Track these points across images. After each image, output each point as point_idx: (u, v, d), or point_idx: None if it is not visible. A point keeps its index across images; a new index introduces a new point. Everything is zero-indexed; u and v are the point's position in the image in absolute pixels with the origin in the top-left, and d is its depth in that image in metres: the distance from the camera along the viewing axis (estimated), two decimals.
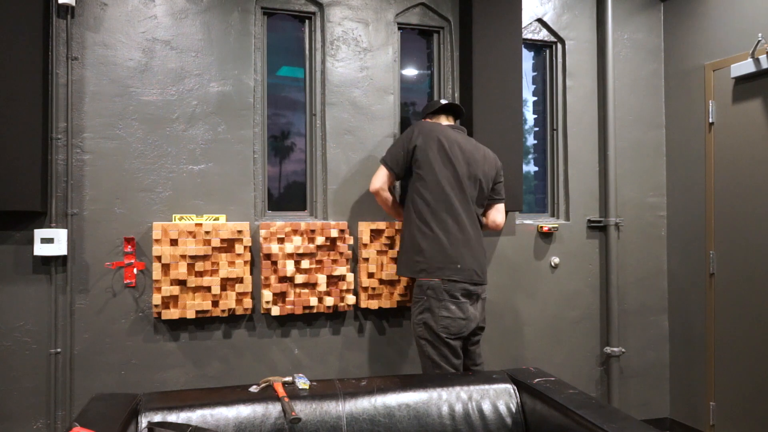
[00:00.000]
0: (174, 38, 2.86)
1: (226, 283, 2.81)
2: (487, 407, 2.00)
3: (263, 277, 2.86)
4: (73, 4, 2.68)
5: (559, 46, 3.56)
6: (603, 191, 3.56)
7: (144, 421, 1.73)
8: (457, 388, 2.02)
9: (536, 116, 3.66)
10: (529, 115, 3.65)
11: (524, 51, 3.47)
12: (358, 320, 3.11)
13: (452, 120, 2.93)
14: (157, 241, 2.71)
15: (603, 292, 3.56)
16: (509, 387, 2.07)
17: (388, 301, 3.06)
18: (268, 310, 2.88)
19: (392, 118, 3.20)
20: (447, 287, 2.59)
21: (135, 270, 2.76)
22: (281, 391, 1.90)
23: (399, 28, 3.28)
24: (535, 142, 3.67)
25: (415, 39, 3.39)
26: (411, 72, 3.41)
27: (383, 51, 3.19)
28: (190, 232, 2.75)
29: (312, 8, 3.11)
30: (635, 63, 3.65)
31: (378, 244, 3.04)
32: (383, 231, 3.05)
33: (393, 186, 2.98)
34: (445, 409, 1.97)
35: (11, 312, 2.62)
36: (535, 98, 3.66)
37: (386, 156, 2.79)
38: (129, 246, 2.75)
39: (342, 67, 3.11)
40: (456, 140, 2.73)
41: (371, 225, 3.04)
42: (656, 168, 3.68)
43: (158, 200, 2.81)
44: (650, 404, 3.62)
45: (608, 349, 3.51)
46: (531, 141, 3.67)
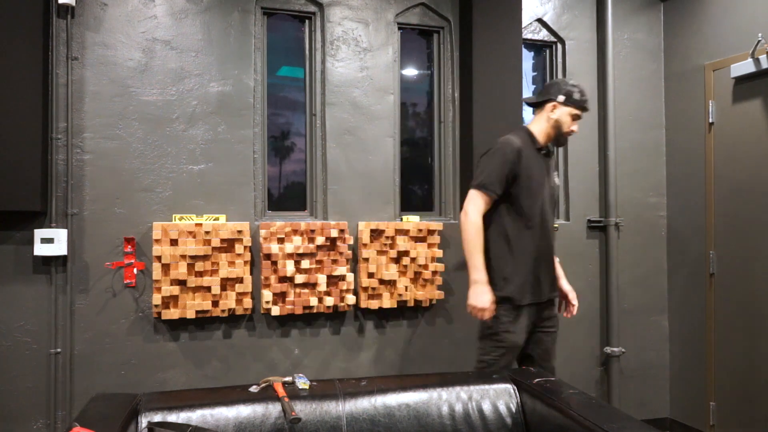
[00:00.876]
0: (174, 38, 2.86)
1: (226, 283, 2.81)
2: (487, 407, 2.00)
3: (263, 277, 2.86)
4: (73, 4, 2.68)
5: (559, 46, 3.56)
6: (603, 191, 3.56)
7: (144, 421, 1.73)
8: (457, 388, 2.02)
9: None
10: (529, 115, 3.64)
11: (524, 51, 3.47)
12: (358, 320, 3.11)
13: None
14: (157, 241, 2.71)
15: (603, 292, 3.56)
16: (509, 387, 2.07)
17: (388, 301, 3.06)
18: (268, 310, 2.88)
19: (392, 118, 3.20)
20: None
21: (135, 270, 2.76)
22: (281, 391, 1.90)
23: (399, 28, 3.28)
24: None
25: (415, 39, 3.39)
26: (411, 72, 3.41)
27: (383, 51, 3.19)
28: (190, 232, 2.75)
29: (312, 8, 3.11)
30: (635, 63, 3.65)
31: (378, 244, 3.04)
32: (383, 231, 3.05)
33: None
34: (445, 409, 1.97)
35: (11, 312, 2.62)
36: None
37: None
38: (129, 246, 2.75)
39: (342, 67, 3.11)
40: None
41: (371, 225, 3.04)
42: (656, 168, 3.68)
43: (158, 200, 2.81)
44: (650, 404, 3.62)
45: (608, 349, 3.51)
46: None
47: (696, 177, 3.45)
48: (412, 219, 3.16)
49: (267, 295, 2.85)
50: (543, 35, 3.53)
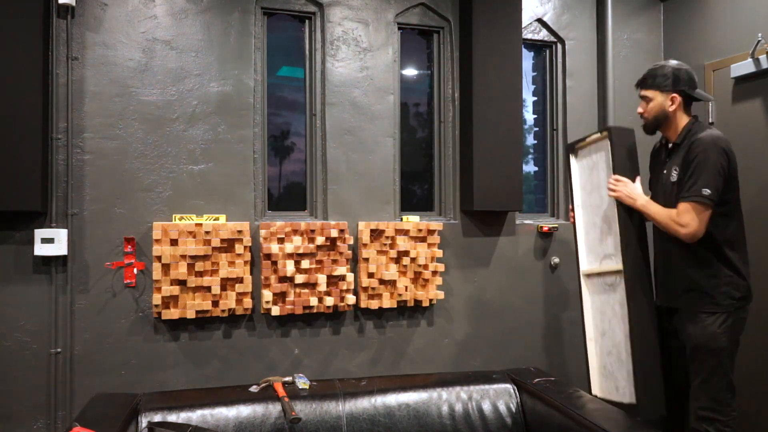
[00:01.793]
0: (174, 38, 2.86)
1: (226, 283, 2.81)
2: (487, 407, 2.00)
3: (263, 277, 2.86)
4: (73, 4, 2.68)
5: (559, 46, 3.56)
6: None
7: (144, 421, 1.73)
8: (457, 388, 2.03)
9: (536, 116, 3.66)
10: (529, 115, 3.65)
11: (524, 51, 3.47)
12: (358, 320, 3.11)
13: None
14: (157, 241, 2.71)
15: None
16: (509, 387, 2.07)
17: (388, 301, 3.06)
18: (268, 310, 2.89)
19: (392, 118, 3.20)
20: None
21: (135, 270, 2.76)
22: (281, 391, 1.90)
23: (399, 28, 3.28)
24: (535, 142, 3.67)
25: (415, 39, 3.39)
26: (411, 72, 3.41)
27: (383, 51, 3.19)
28: (190, 232, 2.75)
29: (312, 8, 3.11)
30: (635, 63, 3.65)
31: (378, 244, 3.04)
32: (383, 231, 3.05)
33: None
34: (445, 409, 1.97)
35: (11, 312, 2.62)
36: (535, 98, 3.66)
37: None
38: (129, 246, 2.75)
39: (342, 67, 3.11)
40: None
41: (371, 225, 3.04)
42: None
43: (158, 200, 2.82)
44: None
45: None
46: (531, 141, 3.67)
47: None
48: (412, 219, 3.16)
49: (267, 295, 2.85)
50: (543, 35, 3.53)
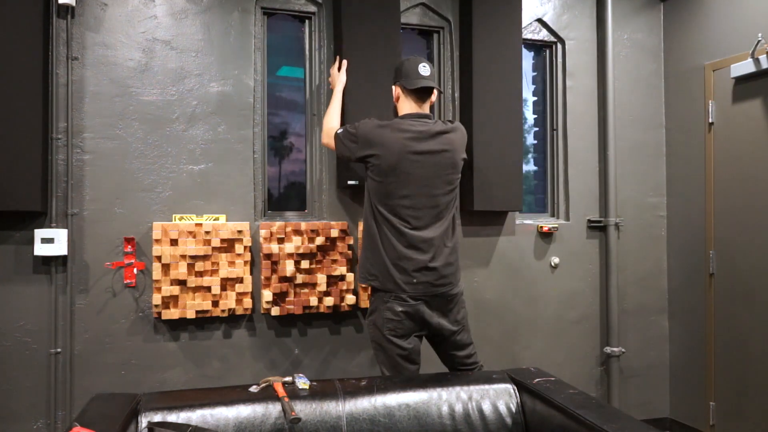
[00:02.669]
0: (174, 38, 2.86)
1: (226, 283, 2.81)
2: (487, 407, 2.00)
3: (263, 277, 2.86)
4: (73, 4, 2.68)
5: (559, 46, 3.56)
6: (603, 191, 3.56)
7: (144, 421, 1.73)
8: (457, 388, 2.02)
9: (536, 116, 3.65)
10: (529, 115, 3.65)
11: (524, 51, 3.47)
12: (359, 320, 3.11)
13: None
14: (157, 241, 2.71)
15: (603, 292, 3.56)
16: (509, 387, 2.07)
17: None
18: (268, 310, 2.88)
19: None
20: None
21: (135, 270, 2.76)
22: (281, 391, 1.90)
23: (399, 28, 3.27)
24: (535, 142, 3.66)
25: (415, 39, 3.39)
26: None
27: None
28: (190, 232, 2.75)
29: (312, 8, 3.11)
30: (635, 63, 3.65)
31: None
32: None
33: None
34: (445, 409, 1.97)
35: (11, 312, 2.62)
36: (535, 98, 3.66)
37: None
38: (129, 246, 2.75)
39: None
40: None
41: None
42: (656, 168, 3.68)
43: (158, 200, 2.81)
44: (650, 404, 3.62)
45: (608, 349, 3.51)
46: (531, 141, 3.67)
47: (696, 177, 3.45)
48: None
49: (267, 295, 2.85)
50: (543, 35, 3.53)
